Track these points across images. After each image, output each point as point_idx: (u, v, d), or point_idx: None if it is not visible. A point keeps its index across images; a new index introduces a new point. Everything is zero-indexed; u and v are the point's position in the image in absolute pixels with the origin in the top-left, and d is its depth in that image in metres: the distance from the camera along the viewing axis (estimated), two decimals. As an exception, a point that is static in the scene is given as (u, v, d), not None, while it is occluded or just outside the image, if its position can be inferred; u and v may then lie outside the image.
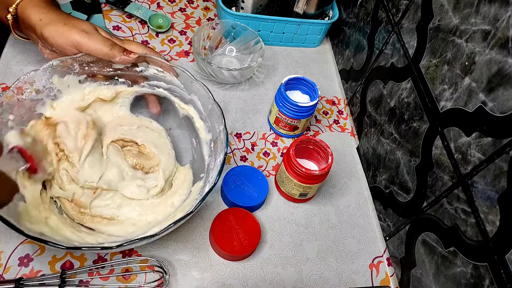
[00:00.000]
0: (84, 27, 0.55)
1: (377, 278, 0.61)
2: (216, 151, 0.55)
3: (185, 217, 0.47)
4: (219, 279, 0.56)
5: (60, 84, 0.55)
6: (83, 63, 0.56)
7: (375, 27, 0.69)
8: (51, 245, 0.42)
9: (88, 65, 0.56)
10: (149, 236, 0.45)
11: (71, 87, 0.57)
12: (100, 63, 0.57)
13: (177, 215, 0.52)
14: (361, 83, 0.74)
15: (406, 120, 0.58)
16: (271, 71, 0.81)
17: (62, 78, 0.55)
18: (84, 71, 0.57)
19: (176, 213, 0.53)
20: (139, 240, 0.45)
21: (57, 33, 0.53)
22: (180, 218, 0.47)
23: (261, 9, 0.79)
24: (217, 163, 0.53)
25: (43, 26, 0.53)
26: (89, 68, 0.57)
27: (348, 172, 0.71)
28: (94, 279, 0.52)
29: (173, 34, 0.81)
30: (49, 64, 0.52)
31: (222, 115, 0.54)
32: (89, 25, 0.56)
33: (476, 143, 0.44)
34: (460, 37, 0.47)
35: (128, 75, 0.60)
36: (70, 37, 0.53)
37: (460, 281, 0.46)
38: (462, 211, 0.46)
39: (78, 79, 0.57)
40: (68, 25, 0.54)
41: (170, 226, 0.46)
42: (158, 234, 0.46)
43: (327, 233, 0.63)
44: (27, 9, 0.54)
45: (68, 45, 0.54)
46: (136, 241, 0.45)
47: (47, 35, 0.53)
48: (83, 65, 0.56)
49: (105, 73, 0.59)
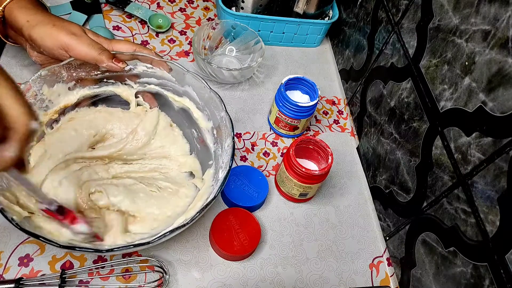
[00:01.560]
0: (73, 29, 0.54)
1: (377, 278, 0.61)
2: (221, 137, 0.55)
3: (208, 204, 0.47)
4: (219, 279, 0.56)
5: (50, 94, 0.54)
6: (71, 69, 0.55)
7: (375, 27, 0.69)
8: (83, 250, 0.43)
9: (75, 70, 0.56)
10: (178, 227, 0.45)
11: (62, 95, 0.56)
12: (88, 67, 0.57)
13: (197, 204, 0.52)
14: (361, 83, 0.74)
15: (406, 120, 0.58)
16: (271, 71, 0.81)
17: (51, 88, 0.54)
18: (72, 77, 0.56)
19: (194, 203, 0.53)
20: (171, 232, 0.45)
21: (45, 34, 0.53)
22: (204, 206, 0.47)
23: (261, 9, 0.79)
24: (226, 148, 0.53)
25: (31, 27, 0.53)
26: (77, 74, 0.56)
27: (348, 172, 0.71)
28: (94, 279, 0.52)
29: (173, 34, 0.81)
30: (37, 75, 0.52)
31: (222, 101, 0.54)
32: (77, 27, 0.55)
33: (476, 143, 0.44)
34: (460, 37, 0.47)
35: (116, 75, 0.60)
36: (58, 38, 0.53)
37: (460, 281, 0.46)
38: (462, 211, 0.46)
39: (67, 86, 0.56)
40: (57, 26, 0.53)
41: (196, 216, 0.46)
42: (186, 225, 0.46)
43: (327, 233, 0.63)
44: (14, 10, 0.54)
45: (56, 47, 0.53)
46: (167, 234, 0.45)
47: (35, 36, 0.53)
48: (70, 71, 0.55)
49: (93, 76, 0.58)
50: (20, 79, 0.67)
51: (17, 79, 0.67)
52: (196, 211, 0.47)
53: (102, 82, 0.60)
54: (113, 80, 0.60)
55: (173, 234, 0.46)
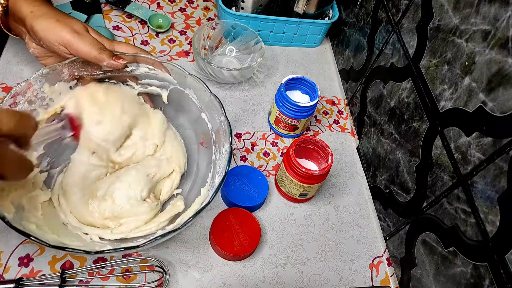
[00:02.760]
0: (76, 27, 0.54)
1: (377, 278, 0.61)
2: (219, 141, 0.55)
3: (203, 209, 0.47)
4: (219, 279, 0.56)
5: (51, 92, 0.54)
6: (73, 68, 0.55)
7: (375, 27, 0.69)
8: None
9: (77, 69, 0.56)
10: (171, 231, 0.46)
11: (63, 94, 0.56)
12: (90, 67, 0.57)
13: (192, 207, 0.52)
14: (361, 83, 0.74)
15: (406, 120, 0.58)
16: (271, 71, 0.81)
17: (53, 86, 0.54)
18: (73, 76, 0.56)
19: (191, 206, 0.53)
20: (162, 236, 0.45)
21: (48, 28, 0.53)
22: (198, 210, 0.47)
23: (261, 9, 0.79)
24: (223, 152, 0.53)
25: (34, 18, 0.53)
26: (79, 73, 0.56)
27: (348, 172, 0.71)
28: (94, 279, 0.52)
29: (173, 34, 0.81)
30: (39, 73, 0.52)
31: (221, 105, 0.54)
32: (80, 25, 0.55)
33: (476, 143, 0.44)
34: (460, 37, 0.47)
35: (118, 76, 0.60)
36: (60, 34, 0.53)
37: (460, 281, 0.46)
38: (462, 211, 0.46)
39: (68, 85, 0.56)
40: (60, 21, 0.53)
41: (189, 220, 0.46)
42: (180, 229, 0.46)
43: (327, 233, 0.63)
44: (19, 1, 0.54)
45: (57, 42, 0.53)
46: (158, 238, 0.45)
47: (37, 28, 0.53)
48: (72, 70, 0.55)
49: (95, 76, 0.58)
50: (20, 78, 0.67)
51: (18, 77, 0.67)
52: (190, 215, 0.47)
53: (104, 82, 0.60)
54: (114, 81, 0.60)
55: (165, 238, 0.46)
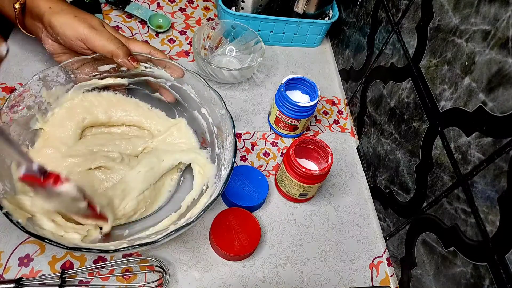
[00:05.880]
0: (93, 23, 0.56)
1: (377, 278, 0.61)
2: (221, 134, 0.56)
3: (214, 201, 0.47)
4: (219, 279, 0.56)
5: (49, 96, 0.55)
6: (69, 70, 0.55)
7: (375, 27, 0.69)
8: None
9: (73, 72, 0.56)
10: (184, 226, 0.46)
11: (60, 98, 0.56)
12: (86, 69, 0.57)
13: (201, 200, 0.52)
14: (361, 83, 0.74)
15: (406, 120, 0.58)
16: (271, 71, 0.81)
17: (50, 90, 0.54)
18: (70, 79, 0.56)
19: (199, 199, 0.53)
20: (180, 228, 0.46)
21: (66, 23, 0.54)
22: (209, 203, 0.47)
23: (261, 9, 0.79)
24: (227, 145, 0.53)
25: (52, 14, 0.54)
26: (75, 76, 0.57)
27: (348, 172, 0.71)
28: (94, 279, 0.52)
29: (173, 34, 0.81)
30: (36, 78, 0.52)
31: (222, 99, 0.55)
32: (97, 20, 0.57)
33: (476, 143, 0.44)
34: (460, 37, 0.47)
35: (115, 75, 0.60)
36: (79, 29, 0.54)
37: (460, 281, 0.46)
38: (462, 211, 0.46)
39: (65, 88, 0.57)
40: (78, 17, 0.55)
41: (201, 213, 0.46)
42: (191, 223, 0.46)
43: (327, 233, 0.63)
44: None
45: (75, 37, 0.54)
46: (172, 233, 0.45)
47: (56, 23, 0.54)
48: (68, 73, 0.56)
49: (92, 78, 0.58)
50: (19, 79, 0.67)
51: (18, 77, 0.67)
52: (201, 209, 0.47)
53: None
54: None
55: (179, 233, 0.46)
